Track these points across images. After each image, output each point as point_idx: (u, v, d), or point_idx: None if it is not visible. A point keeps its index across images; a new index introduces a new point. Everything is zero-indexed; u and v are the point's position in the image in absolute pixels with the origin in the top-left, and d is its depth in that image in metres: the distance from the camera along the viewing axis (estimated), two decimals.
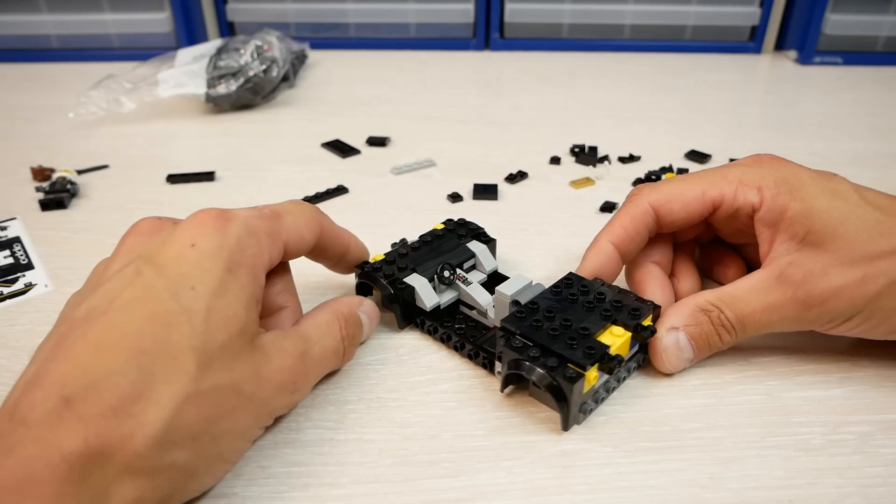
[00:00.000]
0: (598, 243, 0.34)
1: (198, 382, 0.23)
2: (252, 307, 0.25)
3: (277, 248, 0.28)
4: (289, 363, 0.26)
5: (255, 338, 0.25)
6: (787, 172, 0.31)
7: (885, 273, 0.28)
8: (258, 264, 0.27)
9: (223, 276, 0.24)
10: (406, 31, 0.87)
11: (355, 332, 0.31)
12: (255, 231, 0.27)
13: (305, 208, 0.30)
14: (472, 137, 0.60)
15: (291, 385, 0.27)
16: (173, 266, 0.24)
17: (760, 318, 0.30)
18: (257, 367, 0.25)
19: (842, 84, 0.76)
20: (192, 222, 0.26)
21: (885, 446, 0.27)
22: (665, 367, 0.31)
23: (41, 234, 0.44)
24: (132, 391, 0.21)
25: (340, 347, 0.30)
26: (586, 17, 0.85)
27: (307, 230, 0.30)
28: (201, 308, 0.23)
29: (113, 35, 0.83)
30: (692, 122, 0.64)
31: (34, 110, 0.67)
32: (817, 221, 0.29)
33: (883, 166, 0.54)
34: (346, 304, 0.31)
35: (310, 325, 0.29)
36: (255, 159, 0.56)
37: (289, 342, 0.27)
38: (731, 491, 0.26)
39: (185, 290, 0.24)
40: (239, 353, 0.24)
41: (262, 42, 0.67)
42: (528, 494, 0.26)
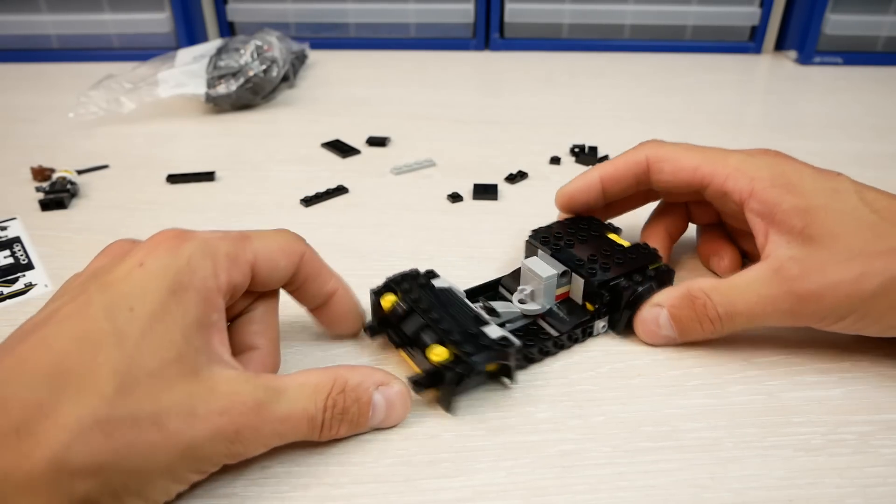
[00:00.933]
0: (588, 173, 0.36)
1: (111, 407, 0.21)
2: (197, 334, 0.24)
3: (240, 271, 0.26)
4: (236, 409, 0.23)
5: (199, 369, 0.23)
6: (788, 168, 0.32)
7: (880, 272, 0.28)
8: (210, 287, 0.25)
9: (165, 298, 0.23)
10: (406, 31, 0.87)
11: (352, 409, 0.26)
12: (212, 251, 0.25)
13: (284, 234, 0.28)
14: (472, 137, 0.60)
15: (232, 433, 0.23)
16: (118, 285, 0.23)
17: (753, 310, 0.30)
18: (192, 403, 0.23)
19: (842, 84, 0.76)
20: (148, 242, 0.25)
21: (885, 446, 0.28)
22: (641, 335, 0.33)
23: (41, 234, 0.44)
24: (38, 410, 0.20)
25: (318, 417, 0.25)
26: (586, 17, 0.85)
27: (281, 256, 0.28)
28: (135, 331, 0.22)
29: (113, 35, 0.83)
30: (692, 122, 0.64)
31: (34, 110, 0.67)
32: (815, 218, 0.30)
33: (883, 166, 0.54)
34: (359, 375, 0.27)
35: (293, 380, 0.26)
36: (255, 159, 0.56)
37: (248, 386, 0.24)
38: (731, 491, 0.26)
39: (123, 310, 0.23)
40: (170, 382, 0.22)
41: (262, 42, 0.67)
42: (528, 494, 0.26)
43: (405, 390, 0.28)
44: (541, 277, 0.33)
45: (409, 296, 0.31)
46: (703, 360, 0.32)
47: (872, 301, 0.28)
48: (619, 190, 0.36)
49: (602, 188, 0.36)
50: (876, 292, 0.28)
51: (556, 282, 0.34)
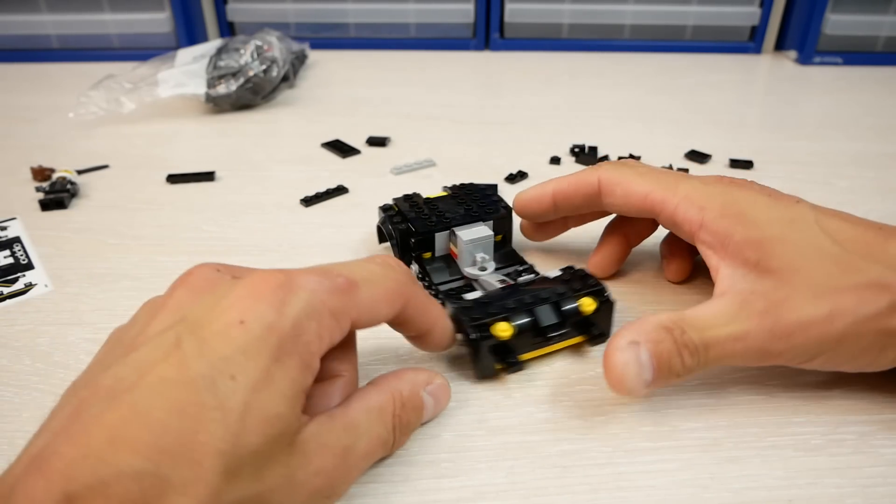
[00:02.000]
0: (545, 184, 0.37)
1: (219, 495, 0.19)
2: (298, 403, 0.22)
3: (341, 329, 0.24)
4: (329, 464, 0.23)
5: (294, 437, 0.22)
6: (740, 196, 0.30)
7: (850, 311, 0.26)
8: (313, 352, 0.22)
9: (269, 366, 0.21)
10: (406, 31, 0.87)
11: (411, 420, 0.27)
12: (318, 311, 0.22)
13: (391, 276, 0.25)
14: (472, 137, 0.60)
15: (328, 490, 0.23)
16: (215, 344, 0.20)
17: (726, 347, 0.27)
18: (292, 473, 0.21)
19: (842, 84, 0.76)
20: (247, 289, 0.22)
21: (885, 446, 0.27)
22: (622, 384, 0.27)
23: (41, 234, 0.44)
24: (142, 500, 0.18)
25: (390, 438, 0.25)
26: (586, 17, 0.85)
27: (385, 305, 0.25)
28: (238, 404, 0.20)
29: (113, 35, 0.83)
30: (692, 122, 0.64)
31: (34, 110, 0.67)
32: (772, 251, 0.28)
33: (883, 166, 0.54)
34: (408, 383, 0.27)
35: (360, 408, 0.25)
36: (255, 159, 0.56)
37: (333, 436, 0.23)
38: (731, 491, 0.26)
39: (224, 379, 0.20)
40: (274, 457, 0.21)
41: (262, 42, 0.67)
42: (528, 494, 0.26)
43: (446, 383, 0.29)
44: (488, 235, 0.36)
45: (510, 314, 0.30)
46: None
47: (841, 342, 0.26)
48: (570, 207, 0.36)
49: (553, 202, 0.36)
50: (847, 332, 0.26)
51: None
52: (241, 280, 0.22)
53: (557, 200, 0.36)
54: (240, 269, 0.25)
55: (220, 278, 0.24)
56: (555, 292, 0.31)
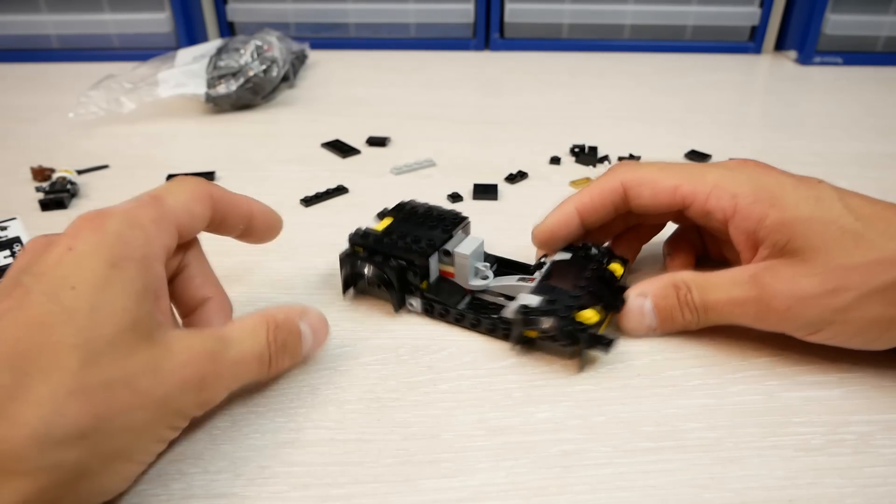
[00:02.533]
0: (563, 206, 0.35)
1: (82, 378, 0.21)
2: (145, 300, 0.24)
3: (169, 233, 0.27)
4: (194, 360, 0.25)
5: (153, 332, 0.24)
6: (769, 180, 0.31)
7: (857, 286, 0.28)
8: (148, 255, 0.25)
9: (106, 272, 0.23)
10: (406, 31, 0.87)
11: (288, 341, 0.29)
12: (138, 221, 0.26)
13: (187, 182, 0.29)
14: (472, 137, 0.60)
15: (198, 382, 0.25)
16: (52, 271, 0.23)
17: (724, 309, 0.31)
18: (156, 362, 0.24)
19: (842, 84, 0.76)
20: (69, 229, 0.25)
21: (885, 446, 0.27)
22: (626, 326, 0.33)
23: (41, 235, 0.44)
24: (5, 394, 0.20)
25: (265, 353, 0.28)
26: (586, 17, 0.85)
27: (197, 204, 0.28)
28: (83, 305, 0.22)
29: (113, 35, 0.83)
30: (692, 122, 0.64)
31: (34, 110, 0.67)
32: (798, 230, 0.29)
33: (883, 166, 0.54)
34: (282, 311, 0.29)
35: (232, 327, 0.28)
36: (255, 159, 0.56)
37: (198, 340, 0.26)
38: (731, 491, 0.26)
39: (65, 290, 0.23)
40: (132, 347, 0.23)
41: (262, 42, 0.68)
42: (528, 494, 0.26)
43: (322, 315, 0.31)
44: (481, 243, 0.36)
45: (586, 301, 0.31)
46: (703, 360, 0.32)
47: (845, 315, 0.28)
48: (598, 219, 0.35)
49: (580, 220, 0.35)
50: (851, 306, 0.28)
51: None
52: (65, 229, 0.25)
53: (584, 216, 0.35)
54: None
55: (50, 239, 0.26)
56: (591, 269, 0.33)
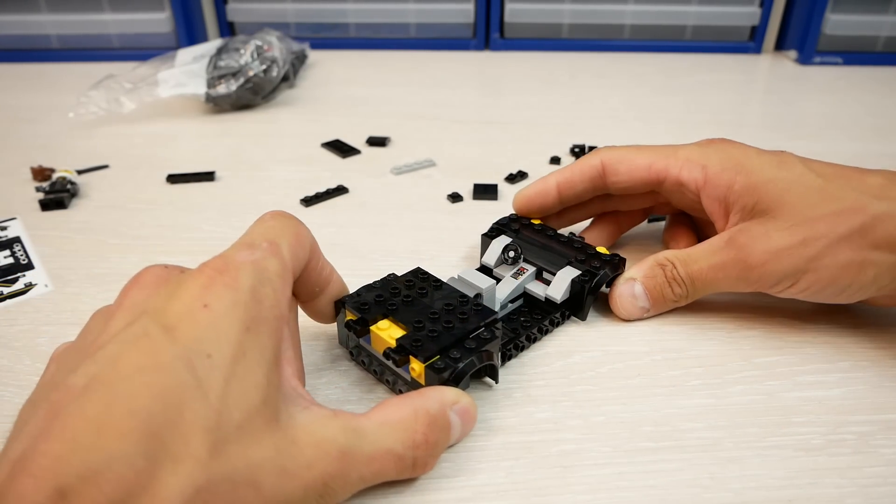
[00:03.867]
0: (545, 178, 0.37)
1: (208, 472, 0.19)
2: (275, 372, 0.22)
3: (289, 286, 0.25)
4: (323, 460, 0.22)
5: (279, 412, 0.21)
6: (735, 151, 0.34)
7: (824, 234, 0.30)
8: (278, 316, 0.23)
9: (241, 339, 0.21)
10: (406, 31, 0.87)
11: (439, 440, 0.25)
12: (268, 276, 0.23)
13: (291, 222, 0.26)
14: (472, 137, 0.60)
15: (321, 487, 0.22)
16: (184, 328, 0.21)
17: (707, 276, 0.33)
18: (281, 458, 0.21)
19: (842, 84, 0.76)
20: (199, 278, 0.22)
21: (885, 446, 0.28)
22: (620, 312, 0.35)
23: (41, 234, 0.44)
24: (136, 483, 0.18)
25: (409, 456, 0.24)
26: (586, 17, 0.85)
27: (300, 249, 0.26)
28: (217, 380, 0.20)
29: (113, 35, 0.83)
30: (692, 122, 0.64)
31: (34, 110, 0.67)
32: (764, 192, 0.31)
33: (883, 166, 0.54)
34: (435, 401, 0.25)
35: (372, 417, 0.24)
36: (255, 159, 0.56)
37: (329, 432, 0.22)
38: (731, 491, 0.26)
39: (200, 358, 0.20)
40: (259, 434, 0.20)
41: (262, 42, 0.67)
42: (528, 494, 0.26)
43: (473, 403, 0.27)
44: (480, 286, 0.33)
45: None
46: (703, 360, 0.32)
47: (817, 263, 0.30)
48: (575, 195, 0.37)
49: (558, 193, 0.37)
50: (821, 254, 0.30)
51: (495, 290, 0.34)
52: (190, 271, 0.23)
53: (562, 191, 0.37)
54: (185, 268, 0.25)
55: (170, 273, 0.25)
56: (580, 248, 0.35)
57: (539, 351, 0.33)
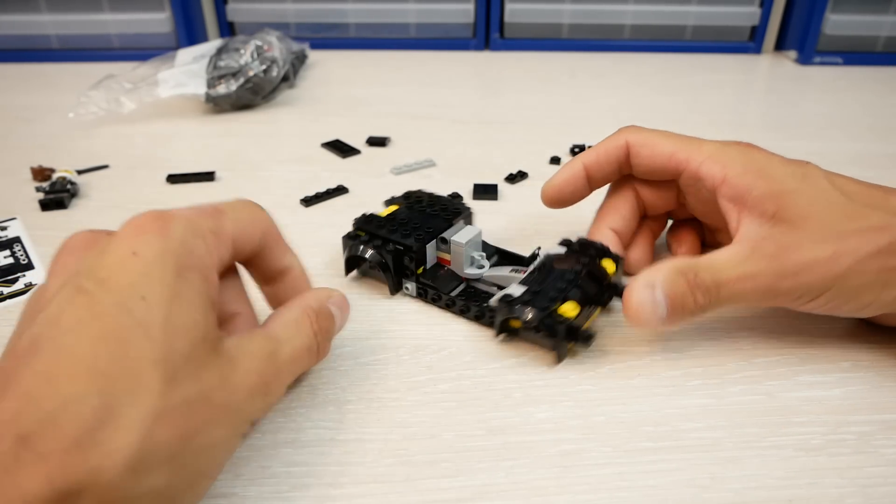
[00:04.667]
0: (571, 163, 0.37)
1: (166, 398, 0.21)
2: (210, 311, 0.24)
3: (226, 247, 0.26)
4: (257, 365, 0.25)
5: (217, 343, 0.23)
6: (759, 156, 0.33)
7: (853, 250, 0.29)
8: (208, 265, 0.25)
9: (174, 282, 0.22)
10: (406, 31, 0.87)
11: (328, 326, 0.29)
12: (200, 230, 0.25)
13: (249, 205, 0.28)
14: (472, 137, 0.60)
15: (263, 387, 0.25)
16: (117, 278, 0.22)
17: (735, 287, 0.30)
18: (225, 374, 0.23)
19: (842, 84, 0.76)
20: (128, 229, 0.23)
21: (885, 446, 0.28)
22: (638, 319, 0.30)
23: (41, 234, 0.44)
24: (95, 418, 0.19)
25: (314, 343, 0.28)
26: (586, 17, 0.85)
27: (252, 228, 0.28)
28: (157, 318, 0.21)
29: (113, 35, 0.83)
30: (692, 122, 0.64)
31: (34, 110, 0.67)
32: (787, 201, 0.30)
33: (883, 166, 0.54)
34: (314, 299, 0.29)
35: (278, 324, 0.27)
36: (255, 159, 0.56)
37: (255, 344, 0.25)
38: (731, 491, 0.26)
39: (136, 301, 0.21)
40: (204, 361, 0.22)
41: (262, 42, 0.68)
42: (528, 494, 0.26)
43: (343, 294, 0.31)
44: (478, 233, 0.36)
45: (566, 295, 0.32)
46: (703, 360, 0.32)
47: (846, 279, 0.29)
48: (603, 176, 0.37)
49: (587, 177, 0.37)
50: (849, 271, 0.29)
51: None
52: (120, 228, 0.24)
53: (591, 173, 0.37)
54: (111, 231, 0.26)
55: (97, 236, 0.26)
56: (582, 264, 0.33)
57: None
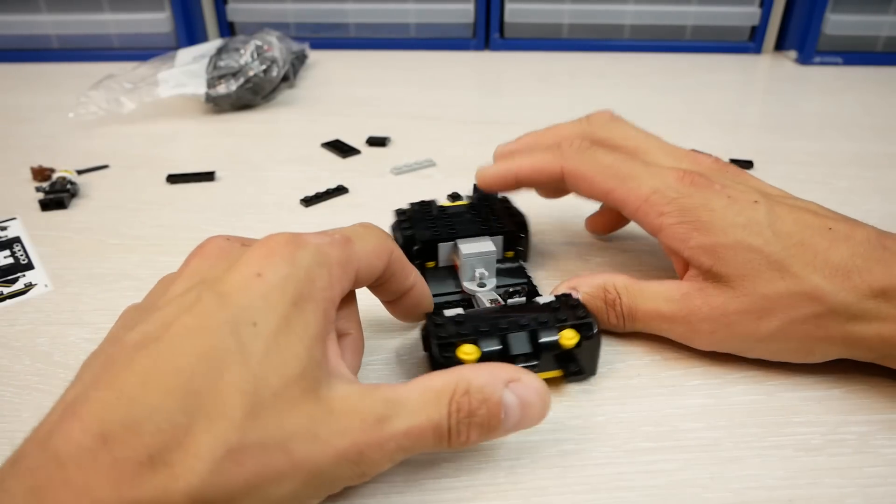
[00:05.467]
0: (507, 163, 0.36)
1: (242, 433, 0.20)
2: (317, 348, 0.23)
3: (349, 279, 0.25)
4: (358, 427, 0.22)
5: (319, 385, 0.22)
6: (700, 200, 0.31)
7: (779, 316, 0.29)
8: (328, 298, 0.24)
9: (288, 311, 0.22)
10: (406, 31, 0.87)
11: (479, 412, 0.23)
12: (327, 260, 0.24)
13: (375, 233, 0.28)
14: (472, 137, 0.60)
15: (355, 456, 0.22)
16: (236, 297, 0.22)
17: (650, 321, 0.32)
18: (315, 426, 0.21)
19: (842, 84, 0.76)
20: (260, 249, 0.23)
21: (885, 446, 0.27)
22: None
23: (41, 234, 0.44)
24: (173, 436, 0.19)
25: (444, 424, 0.23)
26: (586, 17, 0.85)
27: (376, 258, 0.27)
28: (259, 347, 0.21)
29: (113, 35, 0.83)
30: (692, 122, 0.64)
31: (34, 110, 0.67)
32: (723, 257, 0.30)
33: (883, 166, 0.54)
34: (483, 373, 0.24)
35: (412, 387, 0.23)
36: (255, 159, 0.56)
37: (366, 402, 0.22)
38: (731, 491, 0.26)
39: (246, 325, 0.21)
40: (295, 403, 0.21)
41: (262, 42, 0.67)
42: (528, 494, 0.26)
43: (542, 385, 0.25)
44: (491, 251, 0.35)
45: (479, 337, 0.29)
46: (703, 360, 0.32)
47: (772, 342, 0.30)
48: (534, 186, 0.37)
49: (516, 183, 0.36)
50: (774, 334, 0.29)
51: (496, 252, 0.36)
52: (252, 243, 0.24)
53: (520, 181, 0.36)
54: (248, 239, 0.27)
55: (232, 246, 0.26)
56: (536, 320, 0.29)
57: None
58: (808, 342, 0.29)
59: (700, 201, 0.31)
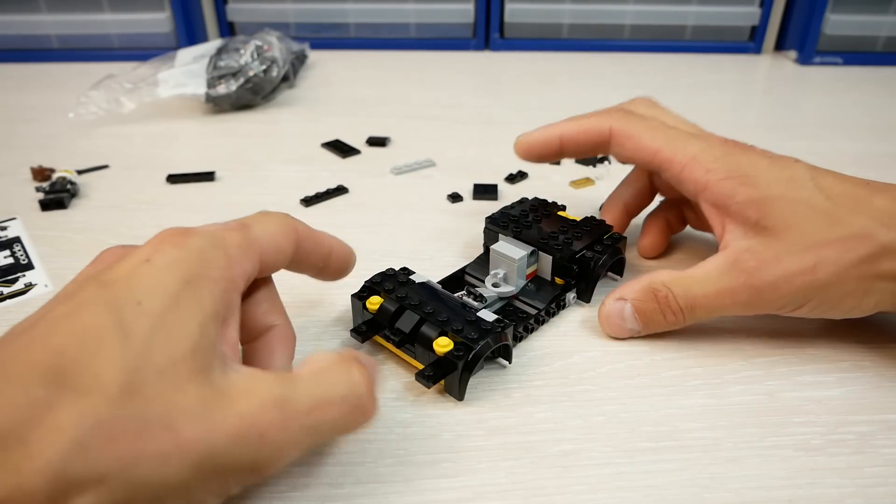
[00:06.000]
0: (551, 129, 0.37)
1: (115, 408, 0.18)
2: (211, 326, 0.21)
3: (251, 262, 0.25)
4: (255, 409, 0.21)
5: (211, 367, 0.21)
6: (744, 159, 0.32)
7: (833, 261, 0.29)
8: (227, 278, 0.23)
9: (177, 290, 0.21)
10: (406, 31, 0.87)
11: (374, 377, 0.24)
12: (222, 242, 0.24)
13: (276, 216, 0.27)
14: (472, 137, 0.60)
15: (256, 438, 0.20)
16: (121, 282, 0.21)
17: (713, 302, 0.31)
18: (206, 406, 0.20)
19: (842, 84, 0.76)
20: (150, 241, 0.23)
21: (885, 446, 0.28)
22: (607, 330, 0.34)
23: (41, 234, 0.44)
24: (30, 414, 0.18)
25: (350, 395, 0.23)
26: (586, 17, 0.85)
27: (283, 238, 0.26)
28: (143, 325, 0.20)
29: (113, 35, 0.83)
30: (692, 122, 0.64)
31: (34, 110, 0.67)
32: (770, 210, 0.30)
33: (883, 166, 0.54)
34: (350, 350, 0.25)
35: (308, 368, 0.23)
36: (255, 159, 0.56)
37: (261, 384, 0.21)
38: (731, 491, 0.26)
39: (129, 304, 0.20)
40: (183, 381, 0.20)
41: (262, 42, 0.67)
42: (528, 494, 0.26)
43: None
44: (513, 259, 0.35)
45: (395, 294, 0.32)
46: (703, 360, 0.32)
47: (827, 289, 0.29)
48: (577, 152, 0.37)
49: (560, 146, 0.36)
50: (830, 281, 0.29)
51: (526, 261, 0.35)
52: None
53: (565, 144, 0.36)
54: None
55: (127, 250, 0.24)
56: (451, 324, 0.29)
57: (539, 351, 0.33)
58: (865, 282, 0.29)
59: (745, 159, 0.32)
